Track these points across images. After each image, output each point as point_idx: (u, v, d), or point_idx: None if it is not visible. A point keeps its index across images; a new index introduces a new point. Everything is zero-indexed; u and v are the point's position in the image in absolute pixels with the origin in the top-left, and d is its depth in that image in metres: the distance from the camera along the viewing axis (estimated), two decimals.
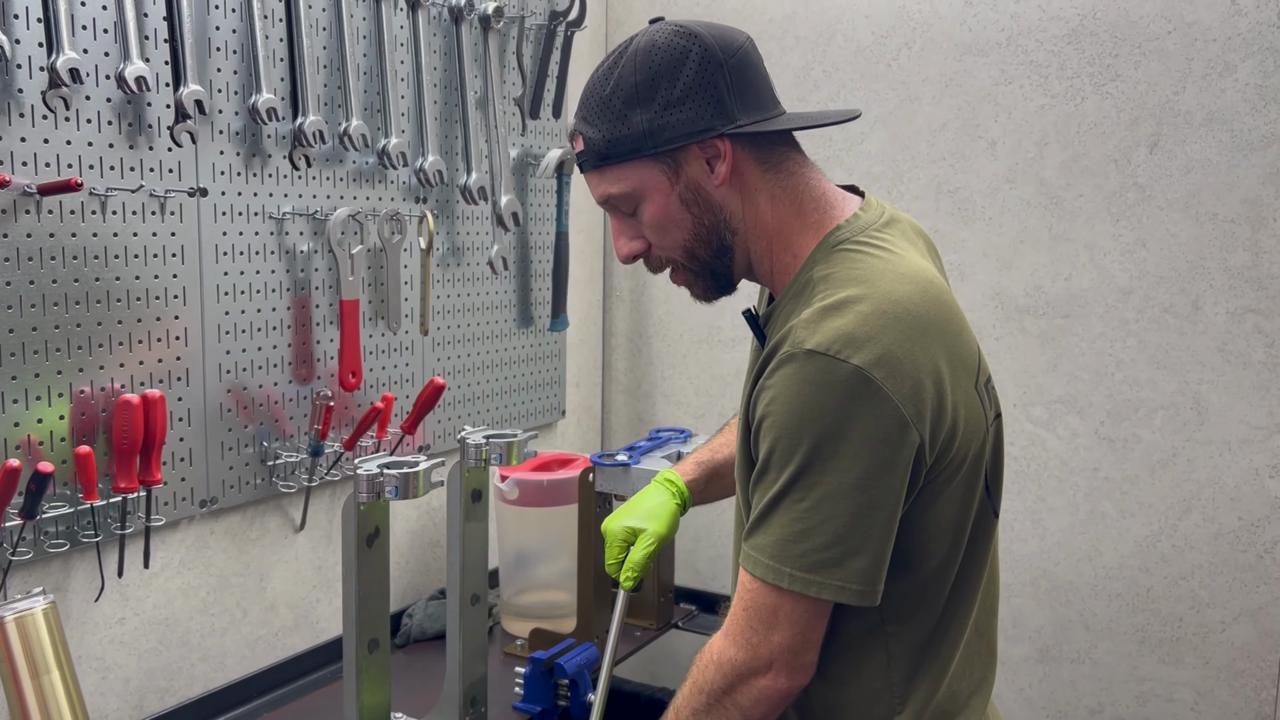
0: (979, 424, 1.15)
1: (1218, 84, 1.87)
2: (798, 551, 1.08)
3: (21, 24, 1.33)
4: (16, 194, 1.34)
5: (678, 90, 1.14)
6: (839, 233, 1.18)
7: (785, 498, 1.08)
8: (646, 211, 1.19)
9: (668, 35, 1.15)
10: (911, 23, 2.12)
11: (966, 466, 1.14)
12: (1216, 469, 1.93)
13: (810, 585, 1.08)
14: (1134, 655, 2.03)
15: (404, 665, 1.86)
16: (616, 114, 1.15)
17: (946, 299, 1.16)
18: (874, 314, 1.07)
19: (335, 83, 1.74)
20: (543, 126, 2.22)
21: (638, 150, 1.15)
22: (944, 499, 1.13)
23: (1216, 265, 1.90)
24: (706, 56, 1.14)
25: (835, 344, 1.05)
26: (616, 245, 1.25)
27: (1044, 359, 2.06)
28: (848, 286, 1.10)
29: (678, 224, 1.19)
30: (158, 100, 1.49)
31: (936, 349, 1.09)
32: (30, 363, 1.38)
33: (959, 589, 1.18)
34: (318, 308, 1.76)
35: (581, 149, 1.20)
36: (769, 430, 1.09)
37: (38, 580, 1.42)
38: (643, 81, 1.14)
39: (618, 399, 2.57)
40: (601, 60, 1.20)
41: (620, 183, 1.18)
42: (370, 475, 1.33)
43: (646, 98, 1.14)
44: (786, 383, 1.07)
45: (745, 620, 1.12)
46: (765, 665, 1.11)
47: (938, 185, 2.13)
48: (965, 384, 1.14)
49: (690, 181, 1.17)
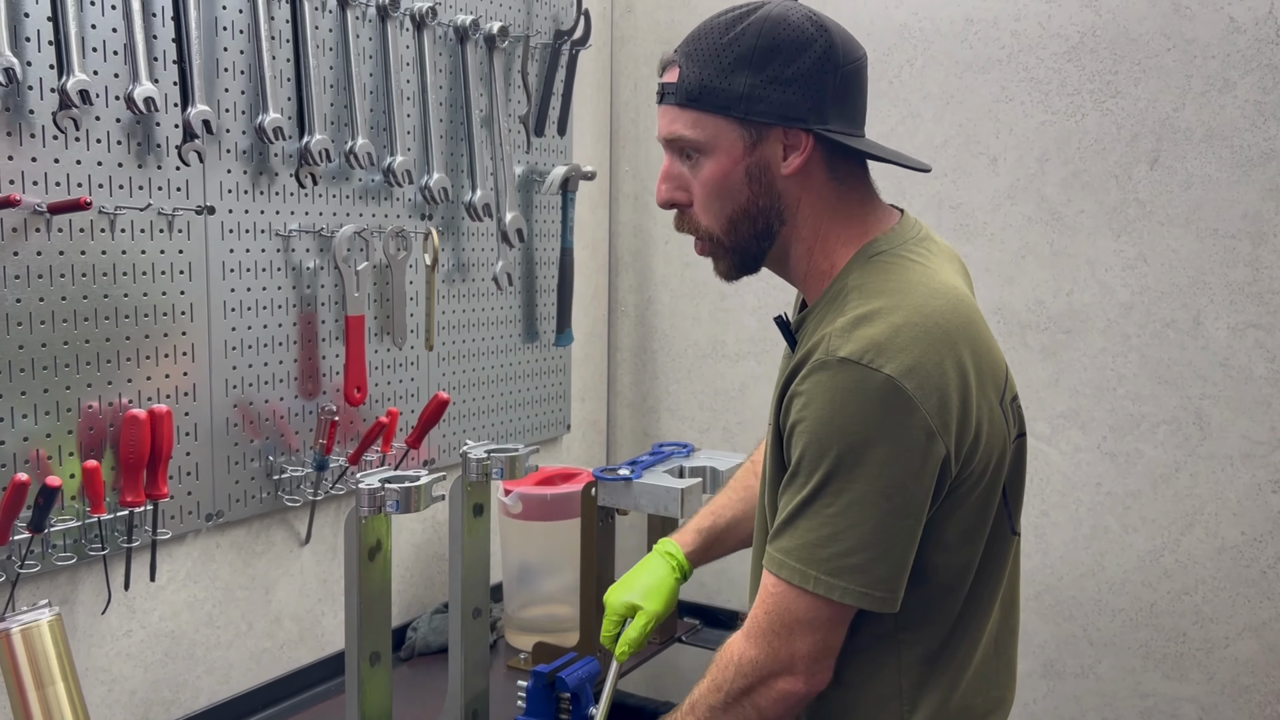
0: (1000, 438, 1.17)
1: (1217, 100, 1.88)
2: (823, 555, 1.09)
3: (33, 46, 1.36)
4: (27, 213, 1.37)
5: (790, 71, 1.14)
6: (876, 244, 1.20)
7: (814, 502, 1.10)
8: (707, 168, 1.18)
9: (802, 17, 1.16)
10: (913, 40, 2.14)
11: (986, 480, 1.15)
12: (1219, 484, 1.94)
13: (834, 589, 1.09)
14: (1138, 671, 2.03)
15: (408, 678, 1.87)
16: (724, 65, 1.14)
17: (975, 315, 1.18)
18: (905, 325, 1.09)
19: (342, 102, 1.77)
20: (548, 144, 2.24)
21: (727, 108, 1.15)
22: (961, 510, 1.14)
23: (1218, 280, 1.91)
24: (828, 53, 1.15)
25: (868, 353, 1.07)
26: (659, 188, 1.23)
27: (1046, 374, 2.07)
28: (880, 297, 1.13)
29: (733, 193, 1.19)
30: (166, 120, 1.52)
31: (964, 362, 1.12)
32: (39, 378, 1.41)
33: (973, 602, 1.19)
34: (324, 323, 1.79)
35: (672, 80, 1.18)
36: (800, 435, 1.11)
37: (45, 593, 1.44)
38: (762, 47, 1.14)
39: (623, 413, 2.58)
40: (728, 9, 1.19)
41: (695, 129, 1.17)
42: (371, 489, 1.34)
43: (760, 64, 1.14)
44: (819, 389, 1.09)
45: (767, 622, 1.14)
46: (785, 668, 1.13)
47: (939, 201, 2.14)
48: (991, 398, 1.16)
49: (762, 160, 1.17)
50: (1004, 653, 1.26)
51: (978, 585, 1.19)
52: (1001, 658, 1.26)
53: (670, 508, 1.74)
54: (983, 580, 1.20)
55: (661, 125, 1.21)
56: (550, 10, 2.21)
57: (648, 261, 2.51)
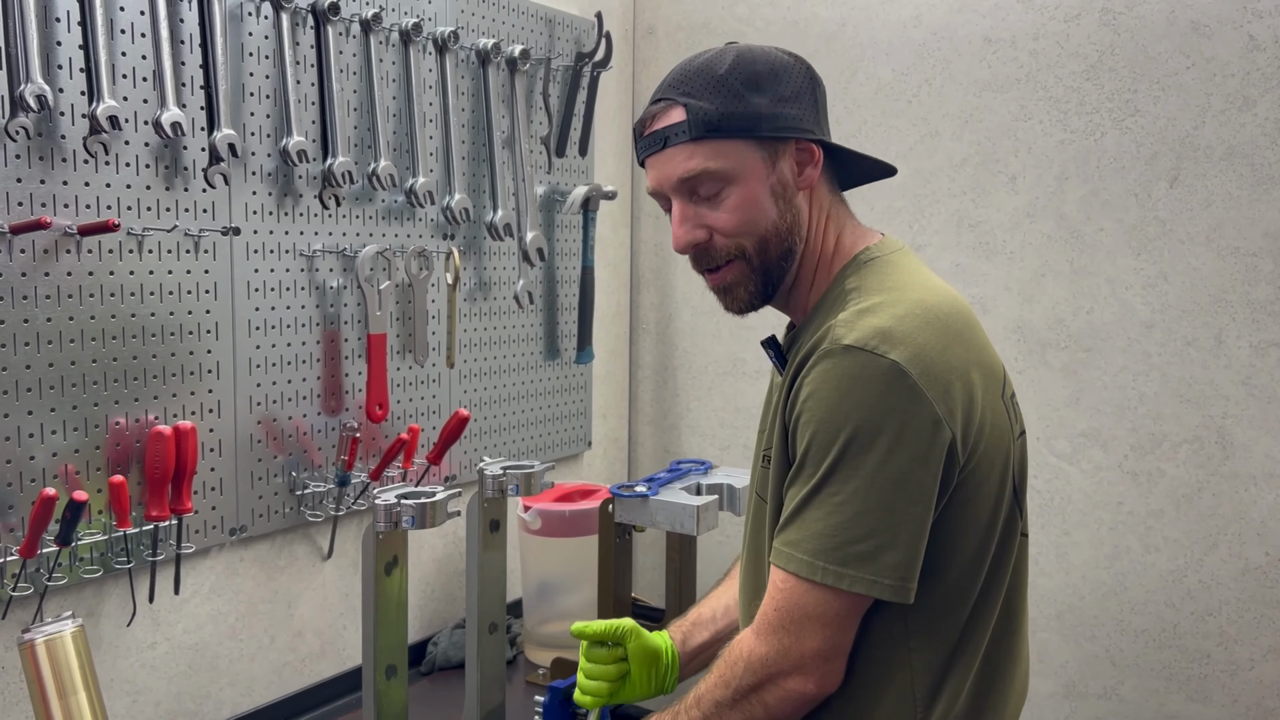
0: (1005, 434, 1.17)
1: (1237, 119, 1.87)
2: (831, 545, 1.09)
3: (65, 74, 1.41)
4: (58, 235, 1.41)
5: (789, 89, 1.19)
6: (869, 252, 1.24)
7: (821, 491, 1.10)
8: (735, 195, 1.19)
9: (771, 49, 1.22)
10: (931, 60, 2.15)
11: (995, 475, 1.15)
12: (1242, 504, 1.92)
13: (843, 579, 1.08)
14: (1161, 692, 2.01)
15: (428, 693, 1.89)
16: (734, 92, 1.18)
17: (971, 316, 1.21)
18: (908, 315, 1.12)
19: (365, 125, 1.80)
20: (569, 164, 2.27)
21: (751, 129, 1.18)
22: (970, 506, 1.14)
23: (1239, 299, 1.90)
24: (811, 74, 1.23)
25: (873, 339, 1.09)
26: (677, 233, 1.22)
27: (1066, 392, 2.06)
28: (882, 293, 1.16)
29: (763, 213, 1.20)
30: (193, 144, 1.56)
31: (965, 353, 1.13)
32: (68, 395, 1.44)
33: (981, 605, 1.18)
34: (346, 341, 1.82)
35: (679, 121, 1.18)
36: (806, 425, 1.11)
37: (73, 605, 1.48)
38: (762, 71, 1.19)
39: (644, 430, 2.60)
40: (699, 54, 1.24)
41: (720, 159, 1.18)
42: (388, 505, 1.37)
43: (767, 85, 1.18)
44: (824, 377, 1.10)
45: (777, 618, 1.13)
46: (795, 666, 1.12)
47: (959, 219, 2.14)
48: (992, 392, 1.17)
49: (781, 177, 1.20)
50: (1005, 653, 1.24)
51: (988, 583, 1.18)
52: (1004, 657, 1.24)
53: (686, 525, 1.75)
54: (992, 578, 1.19)
55: (671, 169, 1.20)
56: (572, 33, 2.24)
57: (669, 279, 2.53)
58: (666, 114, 1.20)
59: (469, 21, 2.00)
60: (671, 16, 2.47)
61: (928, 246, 2.17)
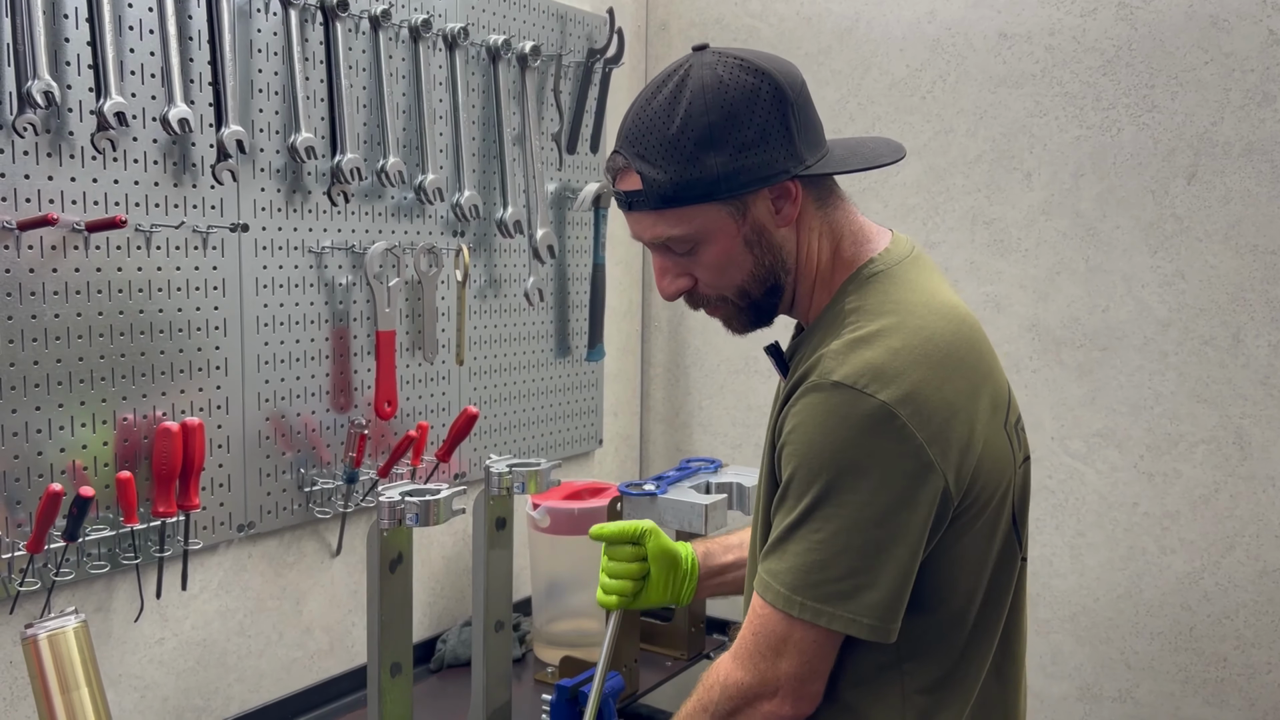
0: (1006, 464, 1.14)
1: (1256, 114, 1.84)
2: (811, 581, 1.08)
3: (73, 70, 1.41)
4: (66, 231, 1.42)
5: (753, 132, 1.09)
6: (872, 265, 1.17)
7: (802, 526, 1.08)
8: (707, 254, 1.15)
9: (734, 71, 1.10)
10: (946, 55, 2.13)
11: (991, 507, 1.13)
12: (1260, 505, 1.89)
13: (821, 615, 1.08)
14: (1177, 695, 1.98)
15: (437, 690, 1.89)
16: (687, 155, 1.09)
17: (978, 336, 1.16)
18: (904, 349, 1.07)
19: (374, 121, 1.80)
20: (580, 161, 2.26)
21: (710, 195, 1.10)
22: (967, 539, 1.12)
23: (1258, 297, 1.87)
24: (778, 95, 1.10)
25: (863, 378, 1.05)
26: (660, 284, 1.20)
27: (1081, 391, 2.04)
28: (879, 318, 1.11)
29: (739, 265, 1.16)
30: (201, 140, 1.56)
31: (967, 385, 1.10)
32: (76, 391, 1.45)
33: (979, 630, 1.17)
34: (355, 338, 1.82)
35: (637, 189, 1.13)
36: (790, 458, 1.10)
37: (81, 600, 1.49)
38: (716, 122, 1.08)
39: (656, 428, 2.59)
40: (650, 90, 1.13)
41: (681, 225, 1.13)
42: (392, 502, 1.36)
43: (721, 139, 1.08)
44: (810, 413, 1.08)
45: (754, 644, 1.13)
46: (771, 691, 1.11)
47: (973, 217, 2.12)
48: (994, 423, 1.13)
49: (755, 223, 1.14)
50: (1005, 677, 1.23)
51: (985, 613, 1.16)
52: (1004, 682, 1.22)
53: (694, 523, 1.74)
54: (989, 607, 1.17)
55: (639, 230, 1.17)
56: (584, 30, 2.23)
57: None
58: (626, 176, 1.14)
59: (479, 18, 2.00)
60: (684, 13, 2.45)
61: (942, 244, 2.15)
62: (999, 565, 1.17)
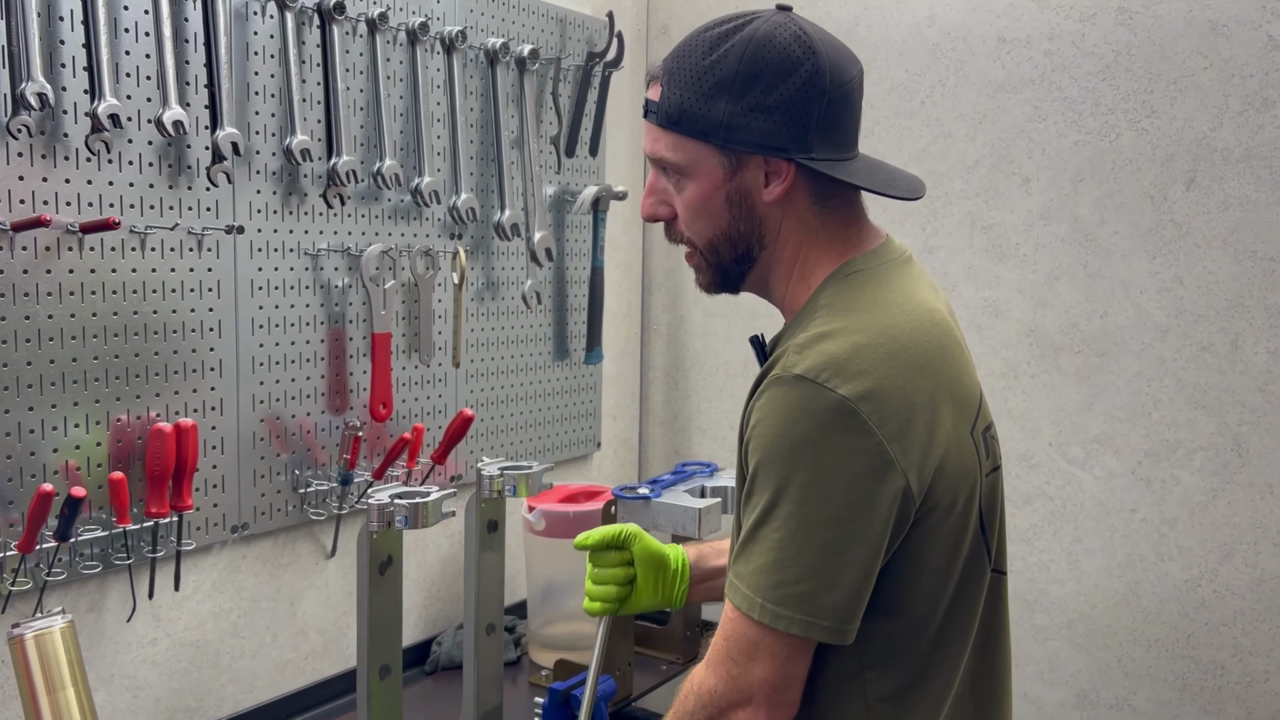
0: (971, 470, 1.12)
1: (1256, 120, 1.84)
2: (770, 583, 1.06)
3: (68, 72, 1.42)
4: (60, 232, 1.42)
5: (771, 99, 1.10)
6: (854, 264, 1.16)
7: (764, 525, 1.07)
8: (689, 190, 1.16)
9: (789, 38, 1.11)
10: (945, 60, 2.12)
11: (957, 513, 1.11)
12: (1258, 512, 1.88)
13: (780, 619, 1.05)
14: (1174, 704, 1.97)
15: (431, 692, 1.89)
16: (704, 91, 1.11)
17: (949, 339, 1.14)
18: (869, 345, 1.06)
19: (371, 124, 1.81)
20: (579, 164, 2.26)
21: (706, 135, 1.12)
22: (931, 545, 1.10)
23: (1256, 304, 1.86)
24: (813, 80, 1.10)
25: (824, 371, 1.04)
26: (643, 201, 1.22)
27: (1079, 397, 2.03)
28: (848, 315, 1.10)
29: (713, 217, 1.17)
30: (196, 143, 1.57)
31: (930, 386, 1.08)
32: (70, 392, 1.45)
33: (944, 641, 1.14)
34: (351, 340, 1.82)
35: (655, 98, 1.16)
36: (753, 453, 1.09)
37: (73, 600, 1.49)
38: (743, 73, 1.10)
39: (655, 432, 2.59)
40: (715, 21, 1.15)
41: (675, 152, 1.15)
42: (381, 505, 1.37)
43: (739, 90, 1.10)
44: (772, 406, 1.06)
45: (725, 650, 1.10)
46: (745, 699, 1.09)
47: (972, 221, 2.12)
48: (960, 427, 1.12)
49: (742, 185, 1.14)
50: (982, 694, 1.20)
51: (950, 623, 1.14)
52: (980, 699, 1.20)
53: (689, 527, 1.74)
54: (956, 617, 1.14)
55: (646, 141, 1.20)
56: (583, 33, 2.24)
57: (680, 280, 2.52)
58: (654, 85, 1.17)
59: (478, 21, 2.00)
60: (685, 16, 2.45)
61: (940, 249, 2.15)
62: (966, 575, 1.14)
